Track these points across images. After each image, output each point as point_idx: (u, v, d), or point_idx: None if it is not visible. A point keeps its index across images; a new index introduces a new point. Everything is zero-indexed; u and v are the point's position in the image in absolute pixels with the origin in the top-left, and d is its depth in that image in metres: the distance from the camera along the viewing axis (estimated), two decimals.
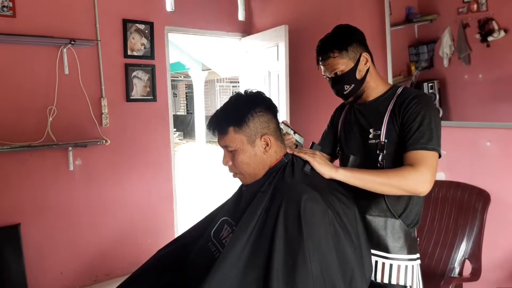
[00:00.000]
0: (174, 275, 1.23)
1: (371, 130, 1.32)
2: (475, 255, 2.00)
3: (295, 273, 0.96)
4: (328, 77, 1.35)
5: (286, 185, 1.12)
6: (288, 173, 1.16)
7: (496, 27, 1.95)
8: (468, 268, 2.02)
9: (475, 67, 2.06)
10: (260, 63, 3.40)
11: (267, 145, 1.17)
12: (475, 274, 1.96)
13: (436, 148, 1.17)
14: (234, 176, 1.22)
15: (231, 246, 1.04)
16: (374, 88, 1.35)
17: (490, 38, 1.98)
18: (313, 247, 0.99)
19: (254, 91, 1.21)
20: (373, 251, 1.25)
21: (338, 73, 1.31)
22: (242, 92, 1.21)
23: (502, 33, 1.94)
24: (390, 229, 1.25)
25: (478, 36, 2.03)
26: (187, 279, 1.18)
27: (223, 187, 5.41)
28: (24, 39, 2.48)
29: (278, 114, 1.25)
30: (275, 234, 1.01)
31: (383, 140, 1.27)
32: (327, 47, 1.31)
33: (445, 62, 2.18)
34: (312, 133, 3.15)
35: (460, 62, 2.12)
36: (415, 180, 1.13)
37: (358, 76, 1.31)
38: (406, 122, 1.21)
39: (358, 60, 1.31)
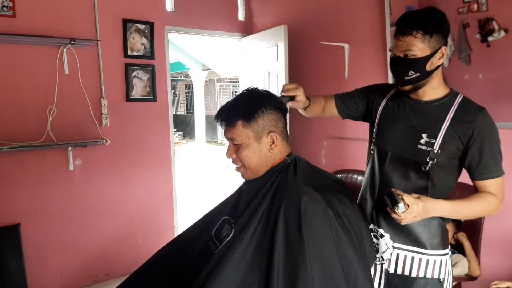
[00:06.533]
0: (174, 274, 1.23)
1: (423, 135, 1.24)
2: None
3: (295, 274, 0.96)
4: (394, 56, 1.23)
5: (288, 185, 1.12)
6: (290, 173, 1.16)
7: (496, 27, 1.95)
8: None
9: (475, 67, 2.06)
10: (260, 63, 3.40)
11: (273, 142, 1.18)
12: None
13: (503, 171, 1.22)
14: (237, 169, 1.23)
15: (234, 248, 1.04)
16: (434, 88, 1.25)
17: (490, 38, 1.98)
18: (313, 248, 0.99)
19: (266, 89, 1.23)
20: (410, 248, 1.26)
21: (409, 55, 1.18)
22: (255, 88, 1.21)
23: (502, 33, 1.94)
24: (429, 227, 1.25)
25: (478, 36, 2.03)
26: (188, 279, 1.17)
27: (223, 187, 5.41)
28: (24, 39, 2.47)
29: (287, 115, 1.26)
30: (276, 235, 1.02)
31: (437, 150, 1.20)
32: (413, 23, 1.18)
33: (445, 62, 2.18)
34: (312, 133, 3.16)
35: (460, 62, 2.12)
36: (497, 207, 1.21)
37: (428, 67, 1.19)
38: (474, 143, 1.19)
39: (436, 52, 1.19)
